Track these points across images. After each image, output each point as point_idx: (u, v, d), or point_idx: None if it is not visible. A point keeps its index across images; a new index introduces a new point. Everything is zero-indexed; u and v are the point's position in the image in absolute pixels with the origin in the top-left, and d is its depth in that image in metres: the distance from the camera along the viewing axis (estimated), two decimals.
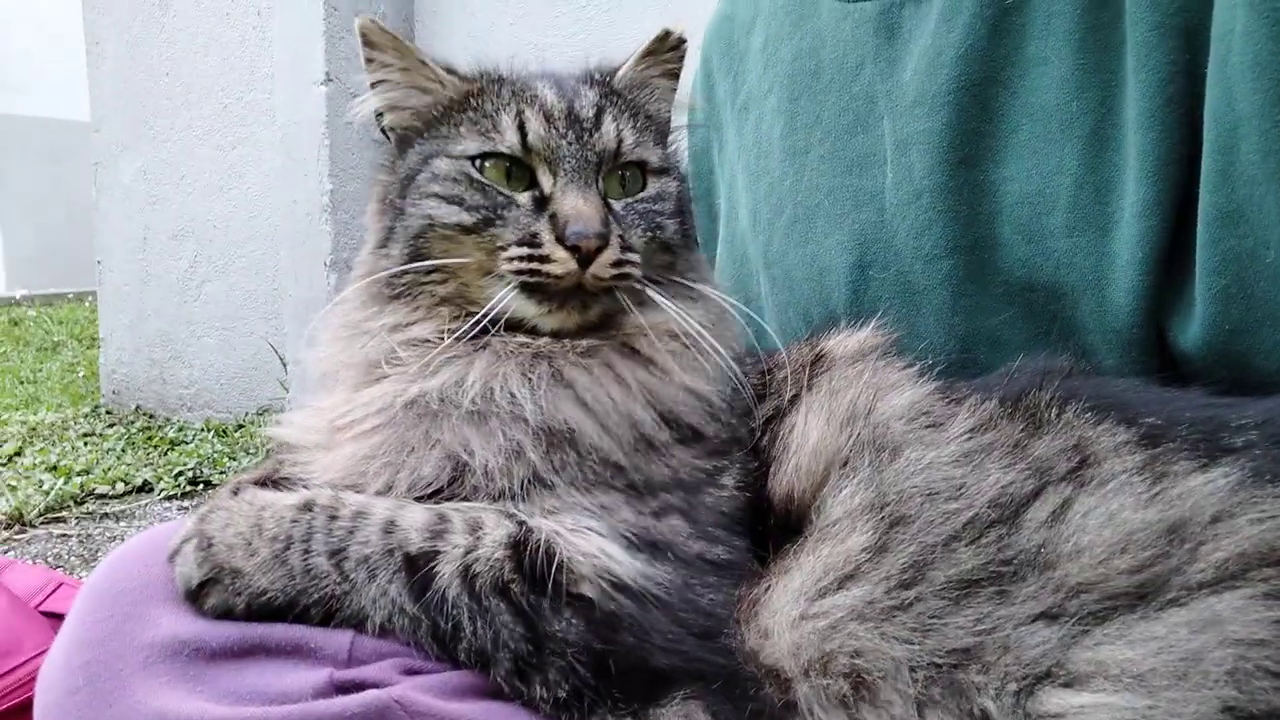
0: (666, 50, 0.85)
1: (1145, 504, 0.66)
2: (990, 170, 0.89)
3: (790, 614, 0.69)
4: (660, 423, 0.77)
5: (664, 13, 2.89)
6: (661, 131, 0.87)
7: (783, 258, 1.08)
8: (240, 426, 3.75)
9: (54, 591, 1.58)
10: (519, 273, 0.77)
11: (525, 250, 0.77)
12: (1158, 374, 0.83)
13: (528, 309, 0.79)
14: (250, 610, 0.71)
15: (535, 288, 0.78)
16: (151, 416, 4.08)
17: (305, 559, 0.71)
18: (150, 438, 3.71)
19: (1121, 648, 0.62)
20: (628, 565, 0.70)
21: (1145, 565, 0.63)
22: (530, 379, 0.76)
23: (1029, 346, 0.88)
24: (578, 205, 0.76)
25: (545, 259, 0.76)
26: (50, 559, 2.55)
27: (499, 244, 0.78)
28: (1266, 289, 0.74)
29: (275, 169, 3.52)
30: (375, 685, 0.70)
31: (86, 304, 7.18)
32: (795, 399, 0.81)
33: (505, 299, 0.78)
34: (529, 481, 0.74)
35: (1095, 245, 0.84)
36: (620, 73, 0.86)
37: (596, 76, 0.85)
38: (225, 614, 0.72)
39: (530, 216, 0.78)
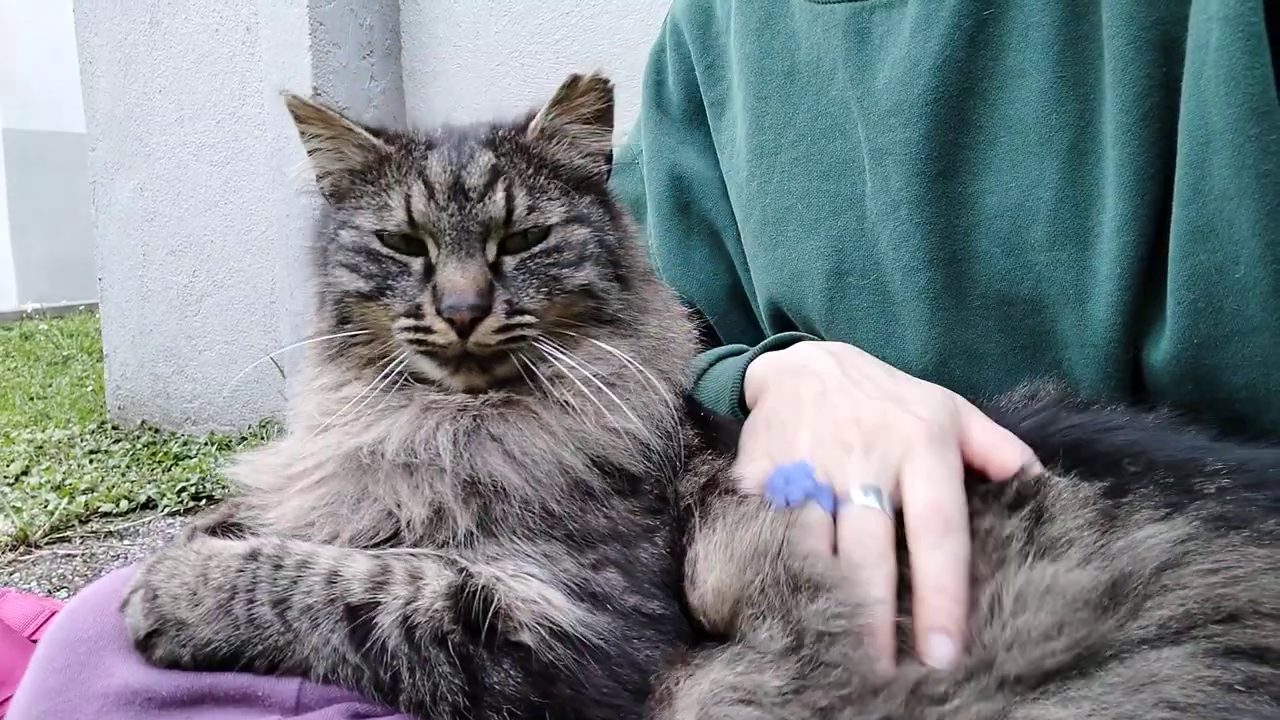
0: (578, 96, 0.82)
1: (1083, 563, 0.64)
2: (969, 183, 0.89)
3: (694, 714, 0.67)
4: (591, 466, 0.78)
5: (646, 18, 2.89)
6: (574, 179, 0.85)
7: (754, 259, 1.08)
8: (244, 439, 3.78)
9: (47, 620, 1.61)
10: (410, 341, 0.79)
11: (411, 321, 0.78)
12: (1132, 388, 0.83)
13: (432, 371, 0.81)
14: (196, 660, 0.73)
15: (427, 354, 0.80)
16: (157, 431, 4.12)
17: (249, 609, 0.72)
18: (155, 453, 3.75)
19: (1054, 708, 0.60)
20: (567, 612, 0.70)
21: (1081, 640, 0.62)
22: (454, 432, 0.77)
23: (1006, 360, 0.89)
24: (453, 279, 0.77)
25: (428, 330, 0.78)
26: (55, 580, 2.59)
27: (391, 313, 0.80)
28: (1235, 304, 0.74)
29: (268, 183, 3.55)
30: None
31: (97, 316, 7.24)
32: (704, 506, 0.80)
33: (408, 361, 0.80)
34: (470, 532, 0.75)
35: (1076, 259, 0.83)
36: (531, 125, 0.84)
37: (500, 135, 0.84)
38: (173, 664, 0.73)
39: (417, 287, 0.80)
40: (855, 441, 0.76)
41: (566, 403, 0.79)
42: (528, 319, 0.78)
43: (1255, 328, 0.74)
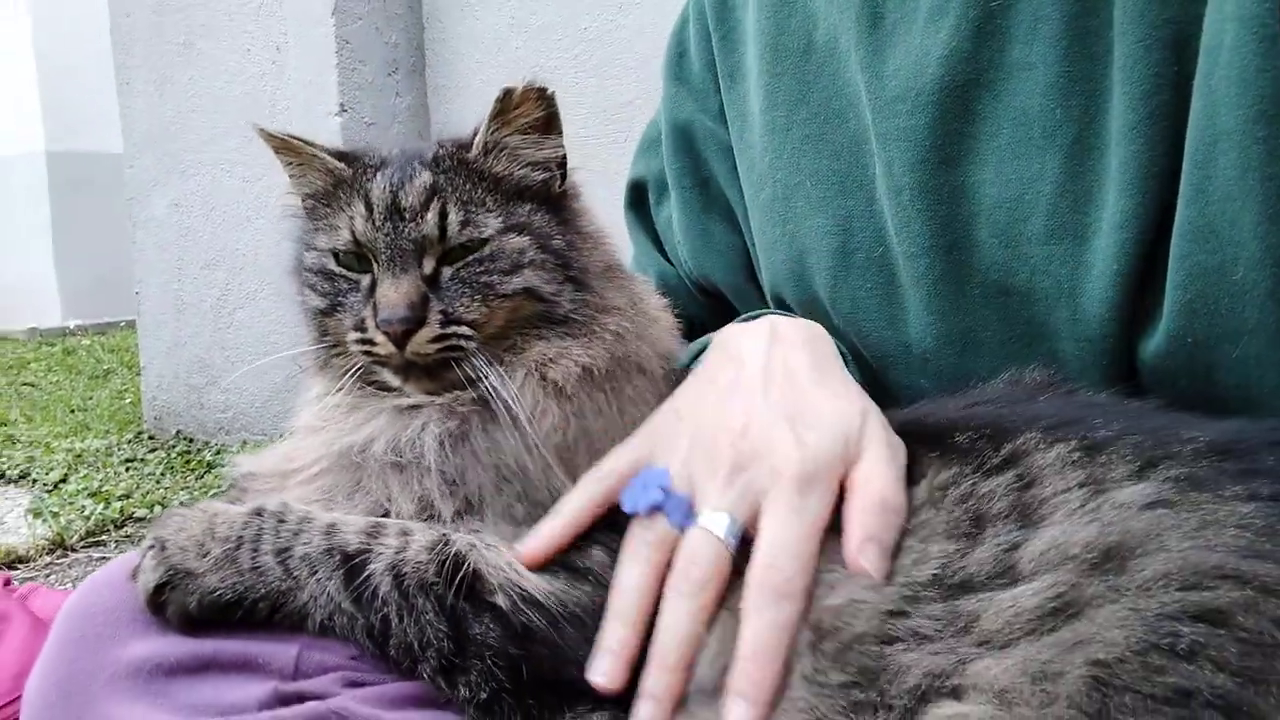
0: (515, 108, 0.85)
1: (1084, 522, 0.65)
2: (970, 172, 0.89)
3: None
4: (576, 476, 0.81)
5: (662, 32, 2.94)
6: (517, 189, 0.89)
7: (761, 234, 1.08)
8: None
9: None
10: (361, 353, 0.85)
11: (357, 335, 0.84)
12: (1126, 382, 0.84)
13: (388, 378, 0.87)
14: (203, 607, 0.77)
15: (378, 363, 0.85)
16: (191, 440, 4.22)
17: (254, 557, 0.77)
18: (188, 461, 3.85)
19: (990, 663, 0.62)
20: (535, 581, 0.74)
21: (1060, 595, 0.63)
22: (439, 434, 0.82)
23: (1004, 348, 0.90)
24: (386, 294, 0.82)
25: (371, 341, 0.83)
26: None
27: (343, 327, 0.86)
28: (1231, 306, 0.74)
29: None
30: (317, 698, 0.75)
31: (137, 332, 7.41)
32: None
33: (364, 369, 0.87)
34: (456, 515, 0.80)
35: (1072, 254, 0.84)
36: (475, 141, 0.88)
37: (443, 153, 0.88)
38: (182, 615, 0.77)
39: (362, 302, 0.85)
40: (727, 460, 0.76)
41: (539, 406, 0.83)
42: (464, 329, 0.82)
43: (1251, 330, 0.74)
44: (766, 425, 0.77)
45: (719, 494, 0.74)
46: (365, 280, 0.86)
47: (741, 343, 0.87)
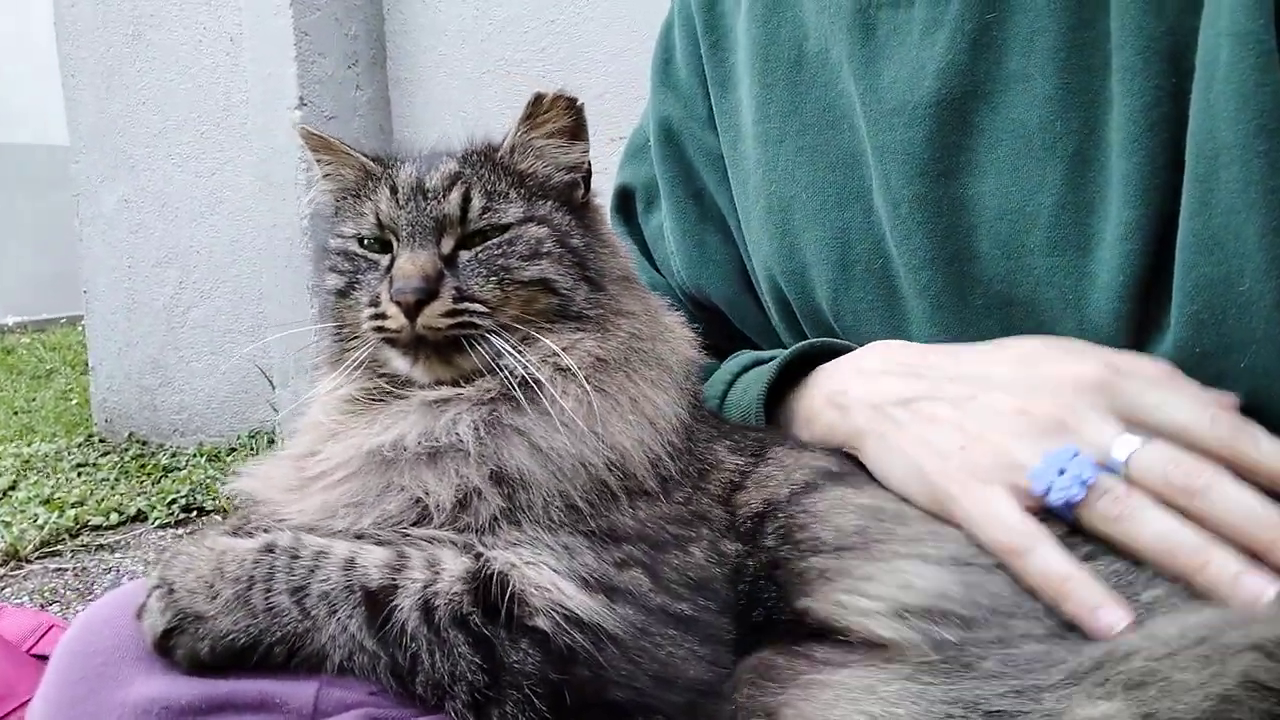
0: (543, 112, 0.88)
1: None
2: (970, 184, 0.89)
3: None
4: (610, 466, 0.80)
5: (630, 25, 2.91)
6: (540, 188, 0.90)
7: (756, 246, 1.08)
8: (232, 450, 3.77)
9: (45, 635, 1.61)
10: (373, 330, 0.85)
11: (372, 310, 0.85)
12: None
13: (397, 362, 0.86)
14: (215, 653, 0.73)
15: (389, 342, 0.85)
16: (144, 443, 4.11)
17: (267, 598, 0.73)
18: (143, 465, 3.74)
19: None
20: (579, 600, 0.72)
21: None
22: (473, 422, 0.80)
23: None
24: (403, 265, 0.83)
25: (384, 315, 0.83)
26: (47, 594, 2.58)
27: (359, 305, 0.87)
28: (1238, 317, 0.75)
29: (254, 194, 3.54)
30: None
31: (79, 329, 7.19)
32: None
33: (373, 351, 0.87)
34: (495, 517, 0.77)
35: (1075, 265, 0.84)
36: (505, 143, 0.90)
37: (472, 149, 0.91)
38: (193, 660, 0.74)
39: (379, 280, 0.86)
40: (1080, 406, 0.77)
41: (569, 395, 0.81)
42: (477, 306, 0.83)
43: (1258, 340, 0.75)
44: (1046, 375, 0.80)
45: (1108, 433, 0.75)
46: (385, 260, 0.87)
47: (894, 389, 0.87)
